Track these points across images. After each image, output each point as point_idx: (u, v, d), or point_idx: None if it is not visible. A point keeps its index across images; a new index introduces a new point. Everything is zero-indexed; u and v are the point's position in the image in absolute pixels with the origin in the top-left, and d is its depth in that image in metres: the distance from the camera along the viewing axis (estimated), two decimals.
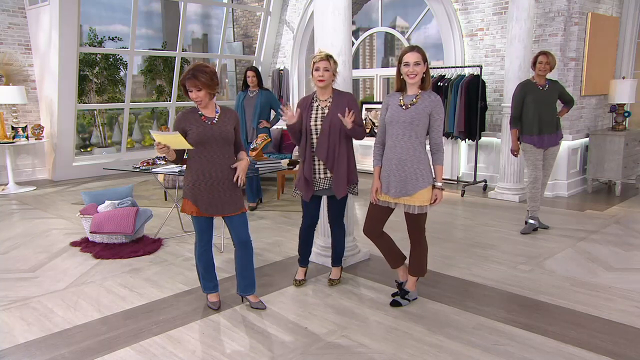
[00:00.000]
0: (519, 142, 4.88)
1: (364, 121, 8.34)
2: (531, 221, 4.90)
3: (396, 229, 3.77)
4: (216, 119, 3.08)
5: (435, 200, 3.06)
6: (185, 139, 2.95)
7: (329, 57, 3.29)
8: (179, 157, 3.11)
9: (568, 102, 4.94)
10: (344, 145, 3.37)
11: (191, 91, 2.98)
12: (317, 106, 3.38)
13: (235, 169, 3.14)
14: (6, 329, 3.09)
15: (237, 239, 3.22)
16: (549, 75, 4.89)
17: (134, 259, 4.31)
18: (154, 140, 2.94)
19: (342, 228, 3.65)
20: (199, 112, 3.08)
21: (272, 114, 6.00)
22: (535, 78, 4.75)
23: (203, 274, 3.32)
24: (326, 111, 3.35)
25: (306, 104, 3.41)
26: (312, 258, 4.08)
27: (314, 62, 3.30)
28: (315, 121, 3.36)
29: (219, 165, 3.08)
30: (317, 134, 3.37)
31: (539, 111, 4.69)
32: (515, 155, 4.94)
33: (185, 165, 3.21)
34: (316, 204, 3.55)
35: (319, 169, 3.42)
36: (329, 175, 3.42)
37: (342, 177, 3.38)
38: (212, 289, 3.36)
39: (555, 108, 4.80)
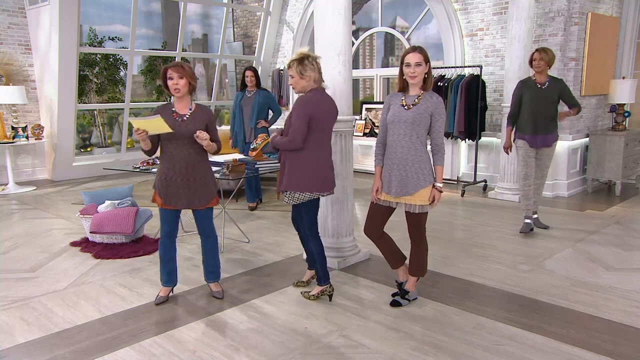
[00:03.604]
0: (513, 140, 4.87)
1: (364, 121, 8.34)
2: (526, 220, 4.86)
3: (396, 229, 3.77)
4: (187, 116, 3.20)
5: (433, 200, 3.06)
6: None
7: (291, 64, 3.18)
8: (153, 148, 3.22)
9: (572, 105, 4.77)
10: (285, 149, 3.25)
11: (172, 78, 3.10)
12: None
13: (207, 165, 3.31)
14: (6, 329, 3.09)
15: (200, 231, 3.44)
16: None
17: (134, 259, 4.31)
18: (134, 127, 3.08)
19: (315, 243, 3.32)
20: (172, 109, 3.21)
21: (270, 113, 5.99)
22: (535, 76, 4.71)
23: (160, 263, 3.44)
24: None
25: None
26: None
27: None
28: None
29: (188, 161, 3.20)
30: None
31: (534, 110, 4.65)
32: (507, 153, 4.94)
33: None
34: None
35: None
36: None
37: (282, 178, 3.27)
38: (164, 282, 3.46)
39: (553, 108, 4.69)
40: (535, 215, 5.00)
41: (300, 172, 3.17)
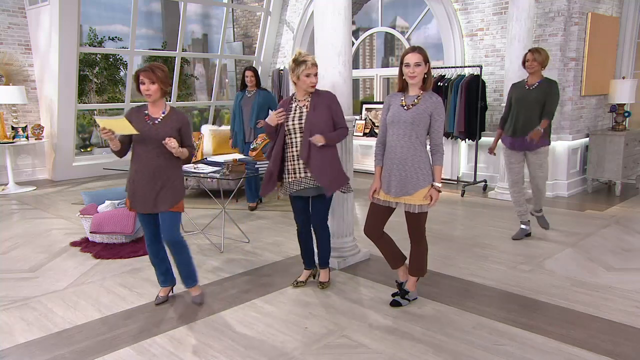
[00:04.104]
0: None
1: (364, 121, 8.33)
2: (522, 226, 4.74)
3: (396, 229, 3.77)
4: (159, 120, 3.14)
5: (430, 200, 3.06)
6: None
7: (315, 63, 3.34)
8: (123, 149, 3.20)
9: (546, 113, 4.40)
10: (327, 146, 3.32)
11: (143, 83, 3.06)
12: (296, 106, 3.40)
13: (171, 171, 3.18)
14: (6, 329, 3.09)
15: (164, 237, 3.28)
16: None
17: (134, 259, 4.31)
18: (99, 126, 3.06)
19: (327, 230, 3.61)
20: (145, 111, 3.17)
21: (270, 113, 5.98)
22: (528, 77, 4.53)
23: (153, 266, 3.44)
24: (304, 111, 3.36)
25: (286, 105, 3.43)
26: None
27: (304, 69, 3.26)
28: (293, 121, 3.36)
29: (156, 165, 3.13)
30: (295, 133, 3.36)
31: (517, 112, 4.49)
32: (490, 153, 4.76)
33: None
34: (304, 205, 3.54)
35: (297, 168, 3.40)
36: (307, 174, 3.36)
37: (334, 176, 3.35)
38: (161, 283, 3.47)
39: (538, 110, 4.41)
40: (540, 213, 4.91)
41: (340, 163, 3.50)
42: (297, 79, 3.31)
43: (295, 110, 3.38)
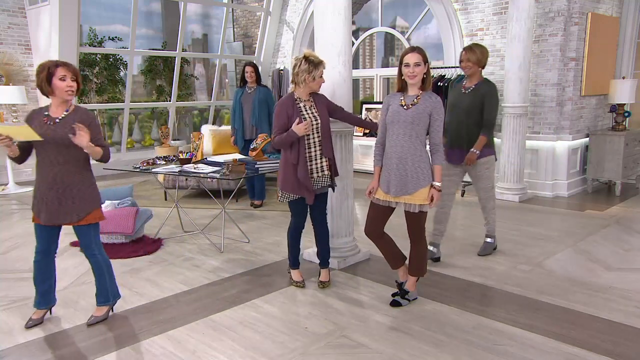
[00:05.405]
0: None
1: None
2: (430, 248, 4.03)
3: (396, 229, 3.77)
4: (58, 119, 2.88)
5: (431, 200, 3.06)
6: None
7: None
8: (23, 156, 2.94)
9: (484, 126, 3.87)
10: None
11: (64, 80, 2.86)
12: (304, 106, 3.39)
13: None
14: (6, 329, 3.09)
15: (81, 249, 3.11)
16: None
17: (134, 259, 4.31)
18: None
19: (327, 228, 3.70)
20: (46, 113, 2.92)
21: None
22: (466, 78, 4.00)
23: (34, 284, 3.09)
24: (314, 110, 3.41)
25: (291, 107, 3.36)
26: (310, 258, 4.10)
27: (322, 69, 3.35)
28: (312, 122, 3.36)
29: (57, 170, 2.86)
30: (313, 134, 3.38)
31: (452, 118, 3.96)
32: None
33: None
34: (305, 205, 3.53)
35: (318, 167, 3.42)
36: (326, 172, 3.47)
37: (336, 171, 3.60)
38: (37, 304, 3.10)
39: (472, 117, 3.89)
40: (490, 240, 4.28)
41: None
42: (312, 80, 3.31)
43: (305, 110, 3.39)
